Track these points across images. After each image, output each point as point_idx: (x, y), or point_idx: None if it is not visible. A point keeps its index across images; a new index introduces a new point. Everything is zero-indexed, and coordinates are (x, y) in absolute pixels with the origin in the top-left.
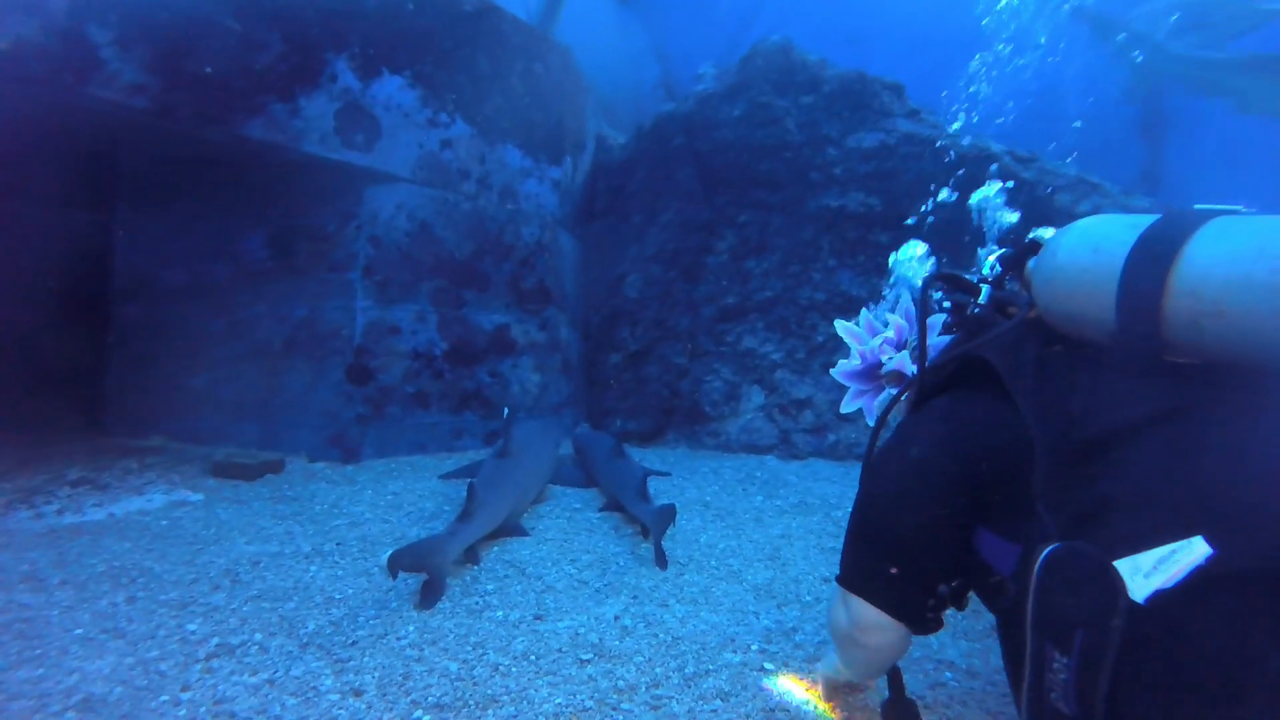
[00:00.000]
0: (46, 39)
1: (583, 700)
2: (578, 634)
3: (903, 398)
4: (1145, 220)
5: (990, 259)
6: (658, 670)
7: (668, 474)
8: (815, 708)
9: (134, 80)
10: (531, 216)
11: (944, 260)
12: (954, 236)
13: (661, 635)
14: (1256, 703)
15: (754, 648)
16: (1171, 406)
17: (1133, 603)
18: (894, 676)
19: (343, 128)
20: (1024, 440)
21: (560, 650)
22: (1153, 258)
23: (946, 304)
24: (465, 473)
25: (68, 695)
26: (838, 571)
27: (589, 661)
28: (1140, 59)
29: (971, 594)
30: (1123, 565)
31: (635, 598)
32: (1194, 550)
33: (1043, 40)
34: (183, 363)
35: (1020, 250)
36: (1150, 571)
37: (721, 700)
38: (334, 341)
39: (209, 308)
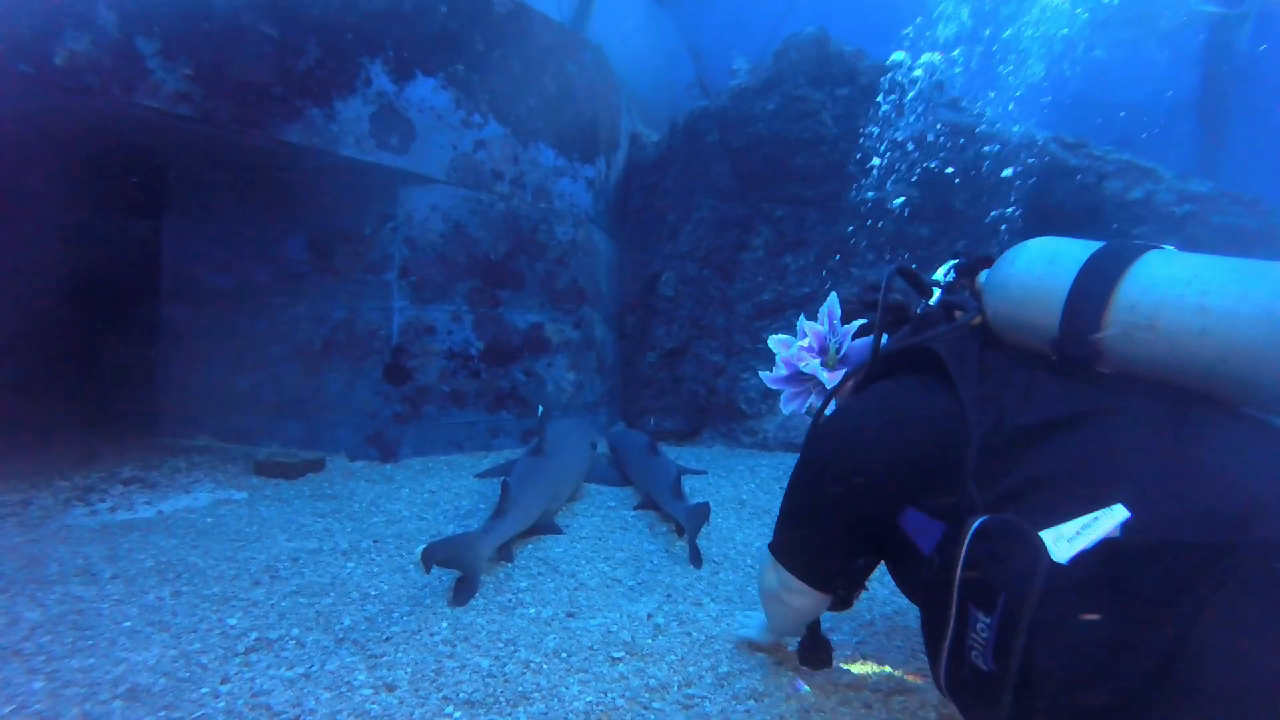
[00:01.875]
0: (98, 52)
1: (614, 699)
2: (610, 632)
3: (841, 391)
4: (1096, 244)
5: (946, 266)
6: (690, 669)
7: (703, 472)
8: (851, 710)
9: (178, 89)
10: (565, 215)
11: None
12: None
13: (695, 634)
14: (1154, 660)
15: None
16: (1098, 405)
17: (1054, 564)
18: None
19: (378, 130)
20: (957, 426)
21: (592, 648)
22: (1103, 272)
23: (884, 302)
24: (501, 471)
25: (115, 685)
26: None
27: (621, 659)
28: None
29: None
30: (1047, 535)
31: (669, 596)
32: (1114, 515)
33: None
34: (227, 364)
35: (974, 261)
36: (1072, 537)
37: (755, 700)
38: (372, 342)
39: (252, 310)
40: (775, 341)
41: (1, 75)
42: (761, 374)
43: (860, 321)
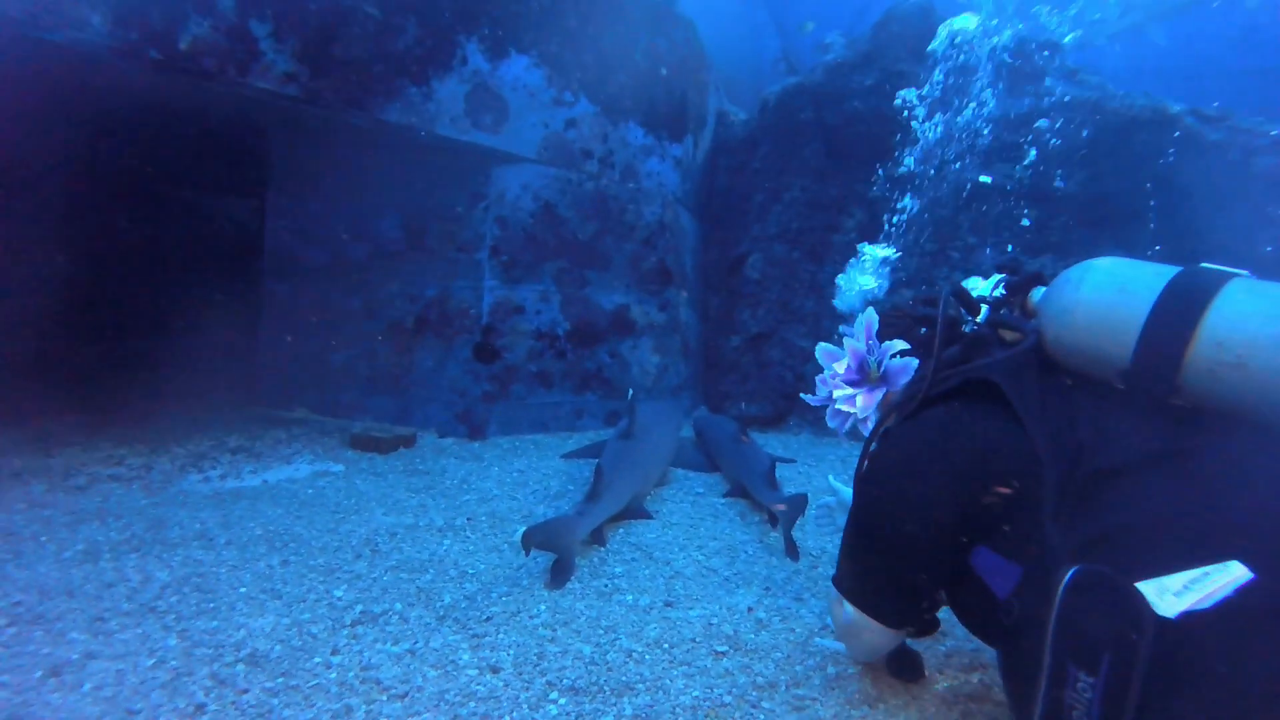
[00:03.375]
0: (216, 36)
1: (720, 695)
2: (710, 624)
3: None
4: (1168, 269)
5: (993, 281)
6: (798, 668)
7: (793, 460)
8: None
9: (286, 69)
10: (653, 195)
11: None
12: (1119, 209)
13: (799, 630)
14: None
15: None
16: (1181, 443)
17: (1161, 622)
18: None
19: (472, 109)
20: (1027, 461)
21: (694, 640)
22: (1184, 305)
23: (942, 328)
24: (587, 453)
25: (238, 649)
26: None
27: (724, 654)
28: None
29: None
30: (1147, 587)
31: (768, 589)
32: (1230, 573)
33: None
34: (324, 339)
35: (1026, 278)
36: (1180, 592)
37: (869, 707)
38: (462, 320)
39: (348, 287)
40: (822, 352)
41: (135, 62)
42: (803, 395)
43: (900, 343)
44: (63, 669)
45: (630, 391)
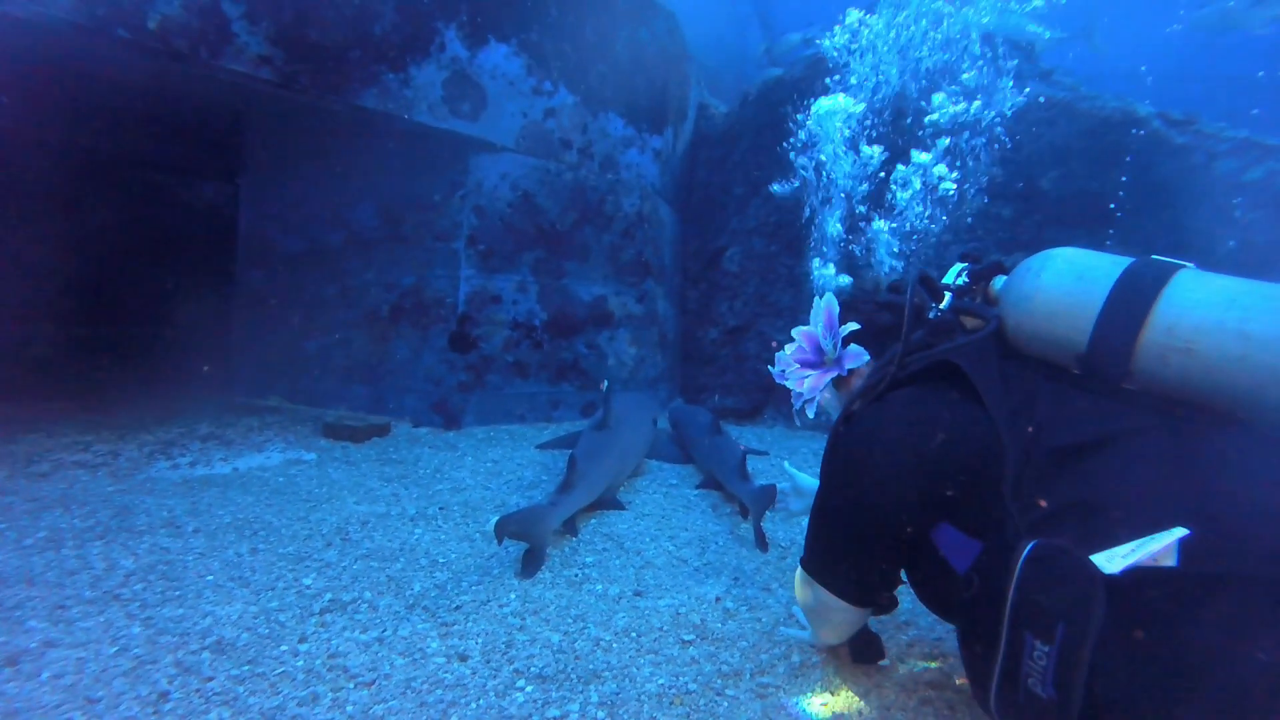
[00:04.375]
0: (188, 15)
1: (686, 683)
2: (679, 613)
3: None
4: (1124, 260)
5: (956, 269)
6: (763, 657)
7: (765, 453)
8: (933, 704)
9: (260, 52)
10: (632, 187)
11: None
12: (1088, 208)
13: (766, 620)
14: (1222, 686)
15: None
16: (1133, 425)
17: (1111, 585)
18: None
19: (450, 97)
20: (988, 441)
21: (662, 629)
22: (1137, 293)
23: (910, 310)
24: (562, 443)
25: (204, 636)
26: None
27: (691, 643)
28: None
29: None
30: (1098, 558)
31: (736, 580)
32: (1171, 535)
33: None
34: (299, 327)
35: (987, 266)
36: (1126, 555)
37: (831, 694)
38: (438, 309)
39: (323, 275)
40: (800, 334)
41: (102, 39)
42: (770, 368)
43: (853, 326)
44: (20, 658)
45: (605, 383)
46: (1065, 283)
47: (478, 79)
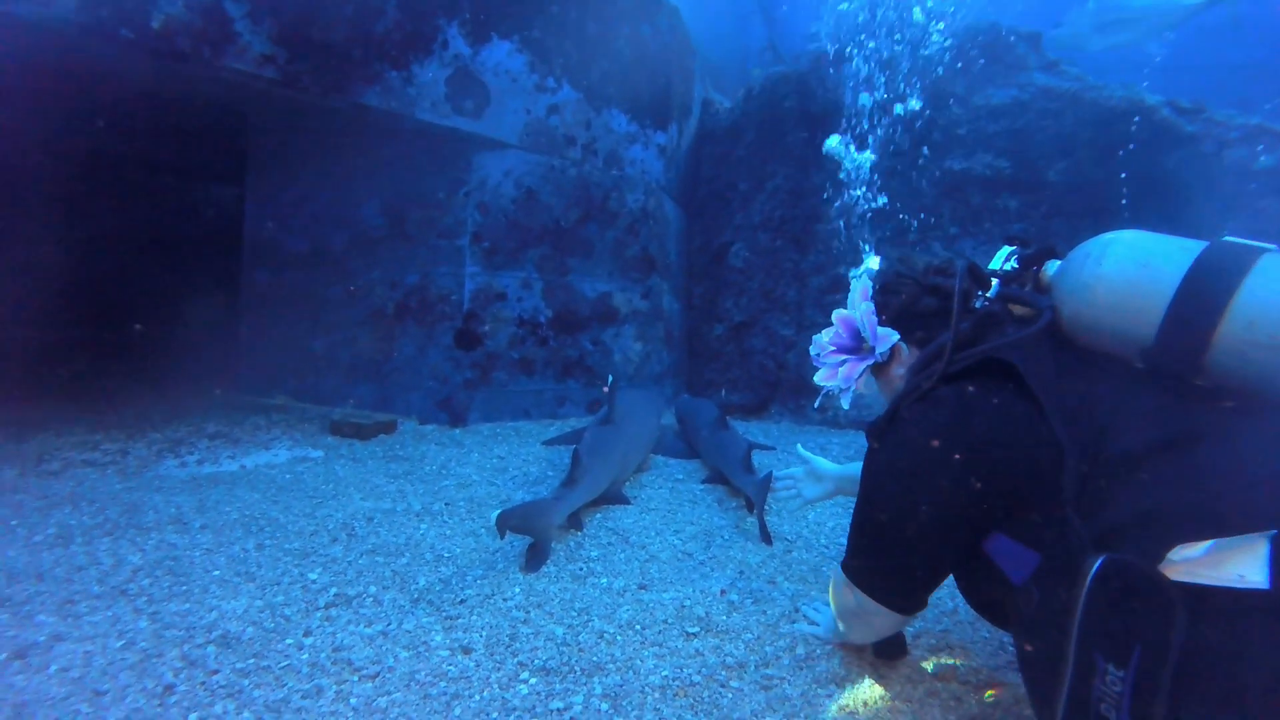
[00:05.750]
0: (190, 15)
1: (690, 675)
2: (684, 606)
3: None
4: (1194, 244)
5: (1004, 253)
6: (767, 649)
7: (772, 448)
8: (941, 695)
9: (263, 51)
10: (636, 183)
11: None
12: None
13: (770, 613)
14: None
15: None
16: (1205, 427)
17: (1192, 604)
18: None
19: (453, 94)
20: (1045, 445)
21: (666, 622)
22: (1214, 284)
23: (959, 301)
24: (568, 439)
25: (209, 630)
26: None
27: (696, 635)
28: None
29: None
30: (1175, 571)
31: (741, 573)
32: (1255, 542)
33: None
34: (305, 326)
35: (1038, 252)
36: (1205, 568)
37: (837, 685)
38: (443, 307)
39: (328, 274)
40: (839, 318)
41: (106, 41)
42: (816, 379)
43: (867, 306)
44: (29, 651)
45: (610, 378)
46: (1130, 271)
47: (480, 76)
